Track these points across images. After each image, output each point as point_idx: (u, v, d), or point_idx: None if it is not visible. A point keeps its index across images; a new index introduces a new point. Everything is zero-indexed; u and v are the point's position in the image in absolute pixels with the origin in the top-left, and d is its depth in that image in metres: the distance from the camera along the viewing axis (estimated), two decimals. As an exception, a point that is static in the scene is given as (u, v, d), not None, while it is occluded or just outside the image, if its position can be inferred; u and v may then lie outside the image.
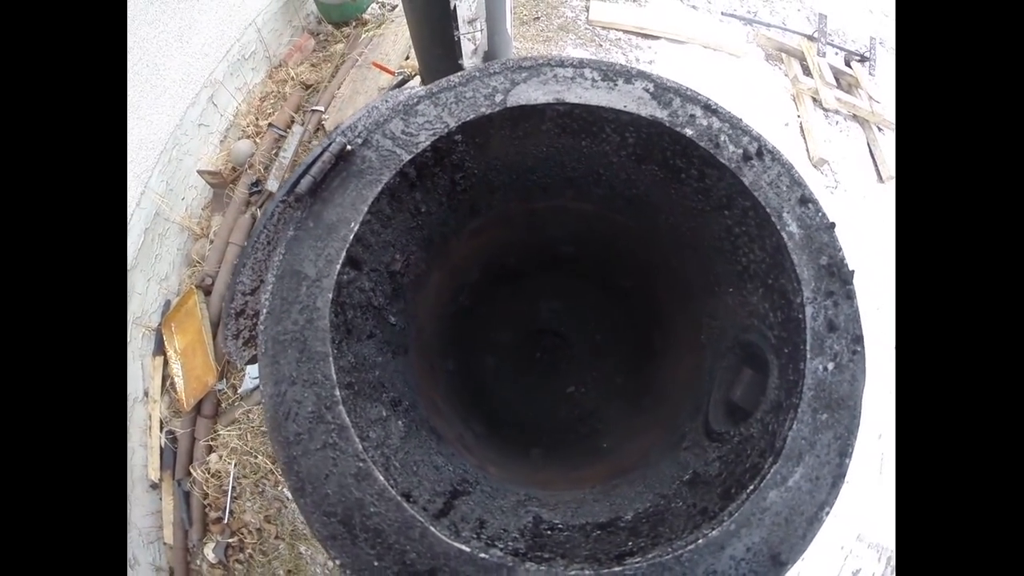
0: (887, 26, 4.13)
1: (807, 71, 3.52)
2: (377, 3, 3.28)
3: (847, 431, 0.82)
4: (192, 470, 2.43)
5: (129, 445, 2.41)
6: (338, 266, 0.82)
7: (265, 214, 0.96)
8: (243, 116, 2.87)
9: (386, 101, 0.90)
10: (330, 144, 0.85)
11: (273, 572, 2.37)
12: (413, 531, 0.71)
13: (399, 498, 0.72)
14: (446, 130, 0.86)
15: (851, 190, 3.33)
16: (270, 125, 2.75)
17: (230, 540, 2.39)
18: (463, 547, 0.70)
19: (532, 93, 0.89)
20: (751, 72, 3.56)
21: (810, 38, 3.62)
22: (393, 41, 3.00)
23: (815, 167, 3.34)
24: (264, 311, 0.85)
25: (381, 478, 0.73)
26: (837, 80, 3.53)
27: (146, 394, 2.53)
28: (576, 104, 0.89)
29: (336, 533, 0.73)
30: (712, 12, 3.72)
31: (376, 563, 0.70)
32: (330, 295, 0.82)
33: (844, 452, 0.81)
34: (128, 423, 2.43)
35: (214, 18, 2.74)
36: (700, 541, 0.70)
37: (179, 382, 2.53)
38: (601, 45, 3.37)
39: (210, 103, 2.79)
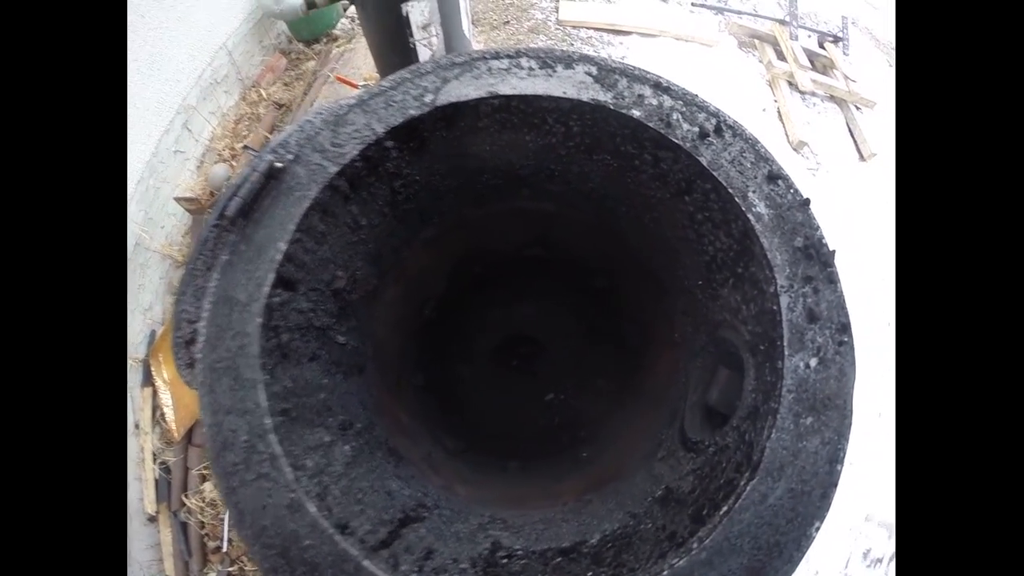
0: (858, 5, 4.06)
1: (781, 56, 3.45)
2: (347, 18, 3.23)
3: (837, 434, 0.71)
4: (187, 500, 2.37)
5: (124, 479, 2.37)
6: (267, 289, 0.75)
7: (199, 240, 0.89)
8: (218, 140, 2.81)
9: (319, 114, 0.82)
10: (259, 163, 0.78)
11: (274, 599, 2.31)
12: (348, 564, 0.65)
13: (331, 530, 0.66)
14: (375, 137, 0.78)
15: (833, 171, 3.26)
16: (245, 147, 2.69)
17: (230, 569, 2.34)
18: None
19: (464, 89, 0.81)
20: (725, 61, 3.50)
21: (782, 22, 3.56)
22: (364, 55, 2.95)
23: (795, 150, 3.27)
24: (201, 339, 0.78)
25: (313, 509, 0.67)
26: (812, 62, 3.46)
27: (137, 426, 2.47)
28: (511, 95, 0.81)
29: (276, 566, 0.68)
30: (682, 4, 3.66)
31: None
32: (259, 320, 0.74)
33: (834, 458, 0.70)
34: (124, 455, 2.38)
35: (184, 44, 2.70)
36: (665, 573, 0.61)
37: (169, 412, 2.47)
38: (572, 45, 3.31)
39: (184, 129, 2.73)
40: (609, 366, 1.42)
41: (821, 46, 3.57)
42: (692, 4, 3.60)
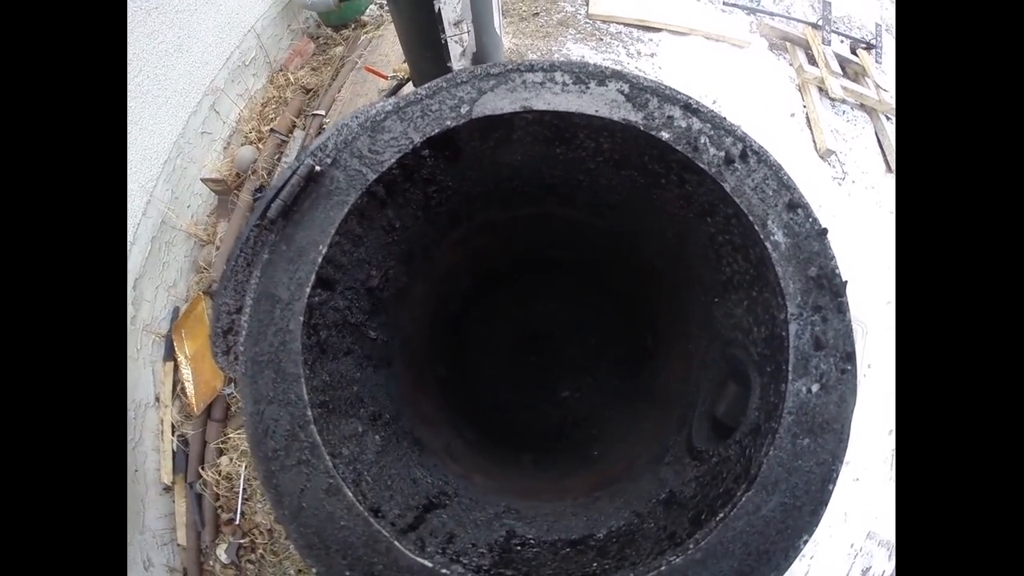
0: (893, 12, 3.99)
1: (812, 60, 3.41)
2: (375, 4, 3.25)
3: (832, 457, 0.76)
4: (203, 472, 2.46)
5: (141, 449, 2.45)
6: (308, 289, 0.81)
7: (240, 238, 0.95)
8: (245, 122, 2.87)
9: (356, 118, 0.87)
10: (299, 166, 0.83)
11: (284, 572, 2.40)
12: (380, 545, 0.72)
13: (366, 513, 0.73)
14: (411, 146, 0.83)
15: (859, 180, 3.23)
16: (272, 131, 2.75)
17: (242, 541, 2.43)
18: (426, 562, 0.71)
19: (499, 102, 0.85)
20: (755, 62, 3.46)
21: (815, 26, 3.51)
22: (392, 42, 2.98)
23: (822, 158, 3.25)
24: (243, 333, 0.85)
25: (350, 494, 0.74)
26: (843, 69, 3.41)
27: (157, 399, 2.57)
28: (545, 111, 0.85)
29: (312, 543, 0.75)
30: (714, 2, 3.62)
31: (347, 573, 0.72)
32: (301, 318, 0.80)
33: (827, 479, 0.76)
34: (140, 428, 2.47)
35: (212, 26, 2.75)
36: (663, 568, 0.67)
37: (189, 387, 2.57)
38: (601, 39, 3.30)
39: (212, 111, 2.80)
40: (623, 369, 1.47)
41: (853, 52, 3.52)
42: (724, 3, 3.56)
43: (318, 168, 0.86)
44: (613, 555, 0.82)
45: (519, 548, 0.87)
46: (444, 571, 0.72)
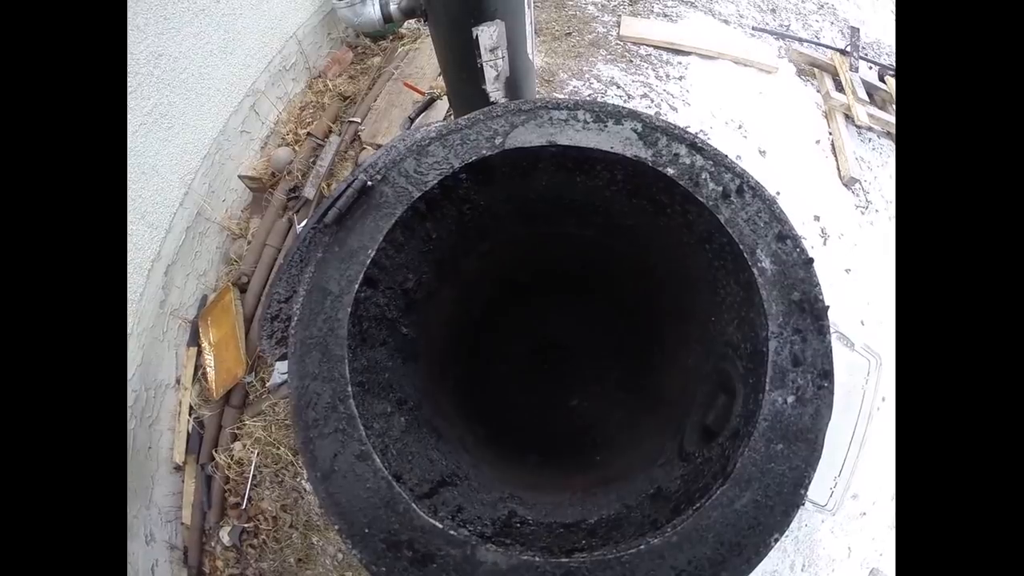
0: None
1: (840, 86, 3.54)
2: (412, 19, 3.48)
3: (804, 463, 0.88)
4: (216, 455, 2.62)
5: (157, 428, 2.62)
6: (357, 285, 0.98)
7: (299, 238, 1.13)
8: (283, 124, 3.10)
9: (403, 140, 1.05)
10: (354, 180, 1.01)
11: (284, 559, 2.52)
12: (399, 506, 0.86)
13: (390, 477, 0.87)
14: (451, 170, 1.01)
15: (883, 210, 3.34)
16: (308, 134, 2.97)
17: (246, 525, 2.56)
18: (437, 523, 0.84)
19: (528, 136, 1.03)
20: (783, 87, 3.61)
21: (843, 52, 3.64)
22: (428, 55, 3.19)
23: (846, 185, 3.36)
24: (295, 318, 1.02)
25: (378, 460, 0.88)
26: (871, 96, 3.53)
27: (178, 381, 2.76)
28: (568, 146, 1.02)
29: (338, 502, 0.88)
30: (743, 26, 3.78)
31: (367, 529, 0.85)
32: (349, 309, 0.98)
33: (799, 483, 0.87)
34: (158, 407, 2.64)
35: (256, 31, 2.99)
36: (642, 547, 0.81)
37: (211, 372, 2.75)
38: (631, 61, 3.48)
39: (252, 111, 3.03)
40: (630, 381, 1.62)
41: (881, 79, 3.64)
42: (753, 28, 3.73)
43: (370, 183, 1.04)
44: (601, 536, 0.97)
45: (519, 525, 1.02)
46: (452, 532, 0.85)
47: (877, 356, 2.68)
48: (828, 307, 0.98)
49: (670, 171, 1.03)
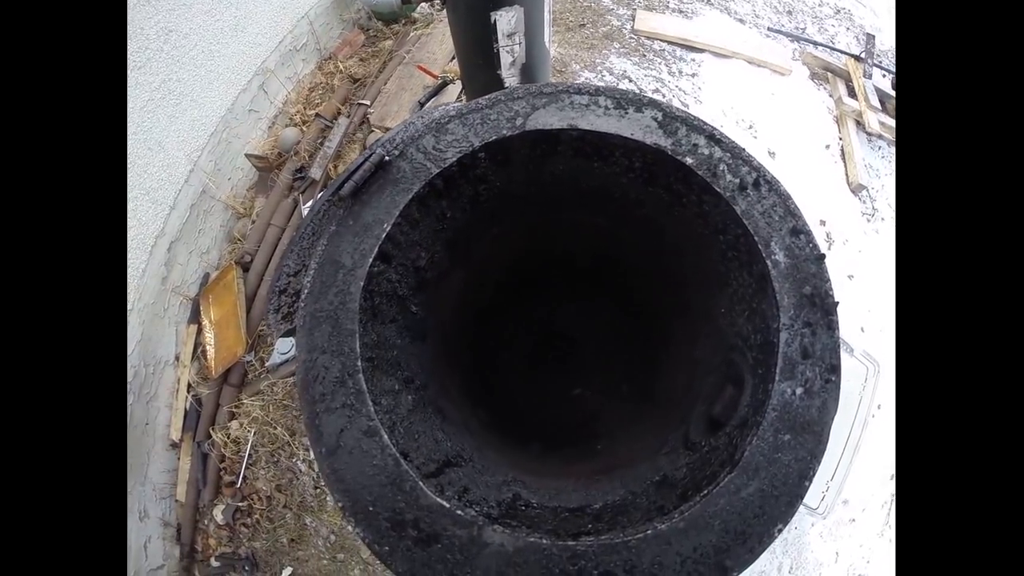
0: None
1: (852, 92, 3.55)
2: (427, 1, 3.47)
3: (810, 455, 0.89)
4: (212, 433, 2.63)
5: (155, 404, 2.64)
6: (370, 259, 0.99)
7: (312, 210, 1.13)
8: (292, 105, 3.09)
9: (421, 118, 1.06)
10: (371, 154, 1.01)
11: (277, 539, 2.55)
12: (405, 484, 0.85)
13: (398, 455, 0.86)
14: (471, 148, 1.01)
15: (888, 218, 3.35)
16: (317, 115, 2.96)
17: (240, 504, 2.59)
18: (444, 503, 0.84)
19: (548, 119, 1.03)
20: (795, 90, 3.61)
21: (857, 58, 3.65)
22: (440, 40, 3.18)
23: (853, 192, 3.37)
24: (305, 291, 1.02)
25: (385, 436, 0.88)
26: (882, 103, 3.54)
27: (177, 358, 2.77)
28: (588, 131, 1.03)
29: (343, 479, 0.88)
30: (759, 27, 3.78)
31: (371, 507, 0.84)
32: (362, 283, 0.98)
33: (804, 475, 0.88)
34: (156, 384, 2.65)
35: (268, 10, 2.98)
36: (649, 532, 0.81)
37: (210, 350, 2.76)
38: (645, 55, 3.48)
39: (261, 90, 3.03)
40: (634, 373, 1.63)
41: (894, 87, 3.66)
42: (769, 29, 3.72)
43: (387, 158, 1.04)
44: (607, 520, 0.98)
45: (523, 508, 1.02)
46: (459, 512, 0.85)
47: (876, 363, 2.70)
48: (838, 303, 0.99)
49: (689, 160, 1.03)
